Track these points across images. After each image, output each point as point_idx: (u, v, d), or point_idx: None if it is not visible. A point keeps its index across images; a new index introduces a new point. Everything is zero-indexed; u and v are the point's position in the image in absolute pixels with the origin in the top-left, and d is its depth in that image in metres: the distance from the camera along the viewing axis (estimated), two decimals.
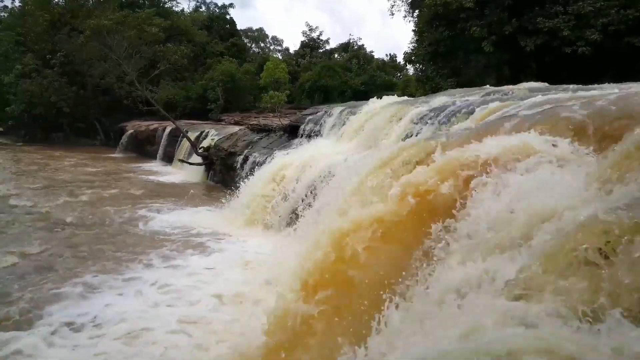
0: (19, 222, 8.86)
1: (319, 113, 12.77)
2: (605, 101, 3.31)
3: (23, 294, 5.39)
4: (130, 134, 24.94)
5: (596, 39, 14.34)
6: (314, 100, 28.80)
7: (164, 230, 8.70)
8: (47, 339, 4.38)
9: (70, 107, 27.03)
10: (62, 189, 12.66)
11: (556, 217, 2.12)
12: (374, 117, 9.38)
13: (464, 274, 2.31)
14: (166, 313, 5.03)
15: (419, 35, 21.50)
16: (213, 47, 34.16)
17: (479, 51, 17.16)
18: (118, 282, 5.93)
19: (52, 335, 4.46)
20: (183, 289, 5.68)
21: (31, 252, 7.00)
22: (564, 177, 2.56)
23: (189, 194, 12.33)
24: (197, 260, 6.96)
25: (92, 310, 5.00)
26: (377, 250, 3.08)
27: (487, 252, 2.29)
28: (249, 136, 14.89)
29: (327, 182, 7.20)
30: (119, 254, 7.11)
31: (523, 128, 3.36)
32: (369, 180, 4.08)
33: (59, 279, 5.94)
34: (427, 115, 7.27)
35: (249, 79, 30.06)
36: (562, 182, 2.49)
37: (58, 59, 26.44)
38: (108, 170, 17.69)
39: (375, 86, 30.91)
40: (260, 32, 49.91)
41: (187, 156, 17.47)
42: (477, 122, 4.91)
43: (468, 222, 2.67)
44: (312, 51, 38.17)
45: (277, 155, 10.65)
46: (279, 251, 6.39)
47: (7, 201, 10.73)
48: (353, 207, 3.61)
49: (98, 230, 8.58)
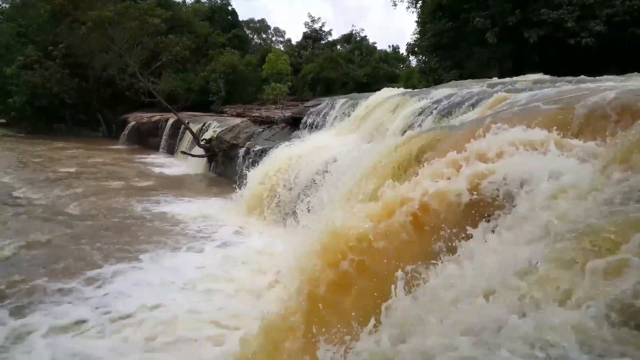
0: (27, 214, 8.91)
1: (321, 105, 12.75)
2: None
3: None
4: (133, 126, 24.97)
5: (600, 30, 14.24)
6: (316, 92, 28.75)
7: (171, 219, 8.77)
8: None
9: (72, 99, 27.08)
10: (65, 181, 12.71)
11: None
12: (377, 108, 9.37)
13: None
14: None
15: (422, 27, 21.37)
16: (215, 39, 34.05)
17: (482, 43, 17.06)
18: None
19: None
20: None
21: (40, 240, 7.10)
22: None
23: (191, 186, 12.38)
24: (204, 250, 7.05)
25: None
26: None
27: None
28: (251, 128, 14.89)
29: (331, 174, 7.21)
30: (127, 246, 7.19)
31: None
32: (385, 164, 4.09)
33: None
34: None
35: (251, 71, 29.99)
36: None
37: (60, 51, 26.41)
38: (111, 161, 17.73)
39: (377, 78, 30.80)
40: (262, 23, 49.70)
41: (189, 148, 17.50)
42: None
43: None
44: (314, 42, 38.03)
45: (280, 147, 10.66)
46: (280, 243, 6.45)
47: (10, 193, 10.79)
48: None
49: (103, 220, 8.65)
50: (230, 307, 5.06)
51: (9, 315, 4.70)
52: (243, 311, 4.89)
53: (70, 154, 19.40)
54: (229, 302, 5.22)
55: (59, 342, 4.25)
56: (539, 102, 3.80)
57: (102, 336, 4.41)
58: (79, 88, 27.43)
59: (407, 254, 2.92)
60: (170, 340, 4.34)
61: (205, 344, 4.31)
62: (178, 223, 8.62)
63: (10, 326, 4.48)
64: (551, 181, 2.35)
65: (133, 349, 4.21)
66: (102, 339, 4.36)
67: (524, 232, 2.19)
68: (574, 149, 2.71)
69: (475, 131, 3.48)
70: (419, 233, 2.98)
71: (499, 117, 3.75)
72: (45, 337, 4.31)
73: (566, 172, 2.40)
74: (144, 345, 4.28)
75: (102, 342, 4.31)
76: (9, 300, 5.06)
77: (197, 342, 4.34)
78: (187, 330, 4.50)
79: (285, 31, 63.89)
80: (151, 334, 4.44)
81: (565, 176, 2.35)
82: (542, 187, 2.34)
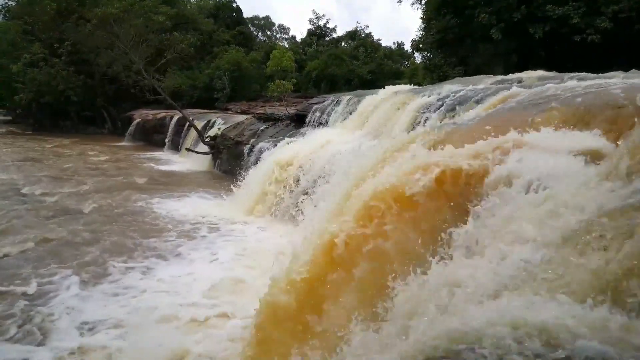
0: (35, 211, 9.00)
1: (325, 102, 12.77)
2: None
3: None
4: (138, 123, 25.06)
5: (606, 27, 14.16)
6: (321, 89, 28.72)
7: (176, 217, 8.85)
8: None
9: (78, 96, 27.19)
10: (72, 177, 12.81)
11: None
12: (382, 105, 9.38)
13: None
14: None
15: (427, 23, 21.30)
16: (219, 36, 34.04)
17: (487, 39, 16.99)
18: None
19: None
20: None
21: (51, 238, 7.19)
22: None
23: (195, 182, 12.44)
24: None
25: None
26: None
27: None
28: (255, 125, 14.93)
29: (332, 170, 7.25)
30: (137, 240, 7.26)
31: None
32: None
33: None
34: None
35: (256, 68, 29.97)
36: None
37: (65, 48, 26.51)
38: (117, 158, 17.84)
39: (382, 75, 30.71)
40: (267, 20, 49.62)
41: (193, 145, 17.56)
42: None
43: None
44: (318, 39, 37.93)
45: (284, 144, 10.70)
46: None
47: (18, 190, 10.88)
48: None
49: (113, 218, 8.73)
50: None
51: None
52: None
53: (76, 151, 19.52)
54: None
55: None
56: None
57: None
58: (84, 85, 27.55)
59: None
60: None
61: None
62: (183, 220, 8.70)
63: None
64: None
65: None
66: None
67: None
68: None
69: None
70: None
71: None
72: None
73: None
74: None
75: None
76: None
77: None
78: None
79: (289, 28, 63.92)
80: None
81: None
82: None
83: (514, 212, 2.50)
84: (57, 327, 4.54)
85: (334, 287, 3.22)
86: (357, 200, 3.40)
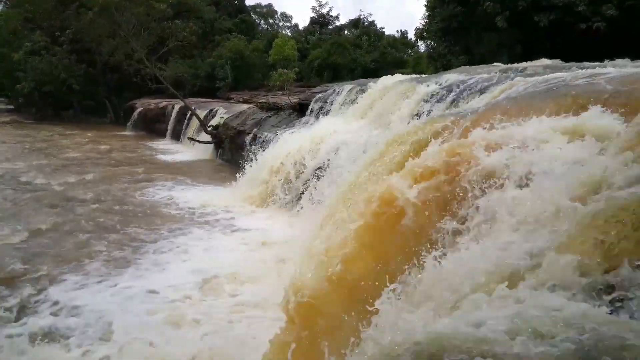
0: (34, 200, 9.03)
1: (328, 91, 12.69)
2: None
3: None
4: (140, 112, 25.02)
5: (612, 15, 14.02)
6: (324, 78, 28.51)
7: (181, 206, 8.88)
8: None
9: (79, 85, 27.10)
10: (74, 167, 12.83)
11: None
12: (385, 95, 9.32)
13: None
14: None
15: (431, 11, 21.04)
16: (221, 24, 33.76)
17: (491, 28, 16.81)
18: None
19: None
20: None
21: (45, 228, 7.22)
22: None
23: (199, 172, 12.45)
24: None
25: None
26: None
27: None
28: (257, 114, 14.87)
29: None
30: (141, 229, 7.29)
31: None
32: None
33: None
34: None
35: (258, 57, 29.73)
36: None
37: (67, 36, 26.36)
38: (119, 147, 17.84)
39: (385, 63, 30.44)
40: (269, 8, 49.16)
41: (196, 134, 17.52)
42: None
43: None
44: (321, 28, 37.59)
45: (288, 133, 10.66)
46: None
47: (19, 178, 10.91)
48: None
49: (115, 206, 8.75)
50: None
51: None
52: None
53: (78, 140, 19.53)
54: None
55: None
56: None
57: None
58: (86, 74, 27.46)
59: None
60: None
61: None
62: (188, 210, 8.71)
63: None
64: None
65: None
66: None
67: None
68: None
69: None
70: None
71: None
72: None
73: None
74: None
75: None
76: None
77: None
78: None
79: (292, 16, 63.14)
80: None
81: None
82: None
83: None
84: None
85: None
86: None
